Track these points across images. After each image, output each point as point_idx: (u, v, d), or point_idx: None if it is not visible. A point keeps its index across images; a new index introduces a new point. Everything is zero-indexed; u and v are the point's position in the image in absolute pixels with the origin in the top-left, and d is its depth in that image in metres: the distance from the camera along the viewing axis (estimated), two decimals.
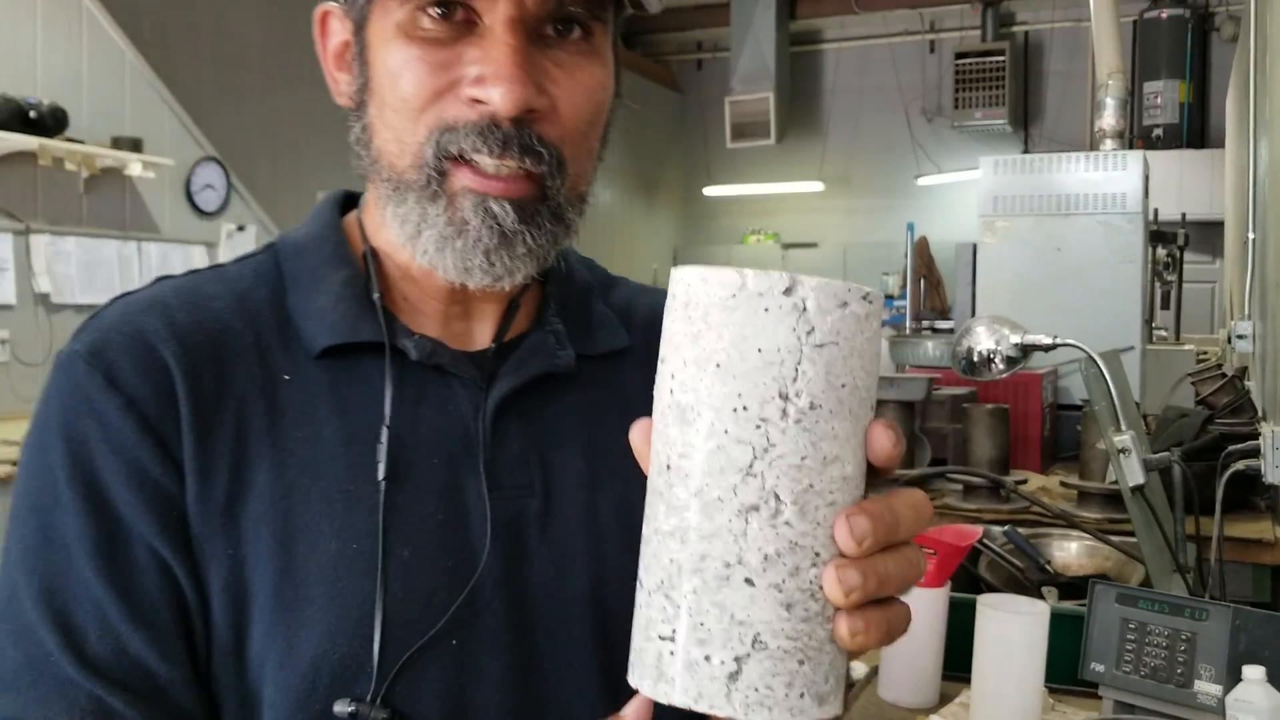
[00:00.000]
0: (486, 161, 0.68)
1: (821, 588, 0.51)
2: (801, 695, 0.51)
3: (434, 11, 0.68)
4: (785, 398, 0.50)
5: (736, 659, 0.50)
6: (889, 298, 8.29)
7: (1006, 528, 2.19)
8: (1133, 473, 1.71)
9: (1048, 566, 2.13)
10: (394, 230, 0.73)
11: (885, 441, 0.52)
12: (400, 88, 0.69)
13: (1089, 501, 2.35)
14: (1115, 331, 3.08)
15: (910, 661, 1.61)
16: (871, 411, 0.53)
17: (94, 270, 4.45)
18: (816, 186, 10.92)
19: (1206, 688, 1.37)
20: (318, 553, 0.69)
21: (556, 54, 0.70)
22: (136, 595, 0.68)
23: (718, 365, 0.51)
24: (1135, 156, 3.18)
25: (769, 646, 0.51)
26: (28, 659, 0.66)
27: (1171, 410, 2.55)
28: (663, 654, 0.52)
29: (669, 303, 0.54)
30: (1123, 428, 1.74)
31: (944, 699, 1.58)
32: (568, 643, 0.74)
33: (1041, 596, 1.99)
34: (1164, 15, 8.24)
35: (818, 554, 0.51)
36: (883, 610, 0.52)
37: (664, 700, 0.52)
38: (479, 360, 0.77)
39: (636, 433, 0.55)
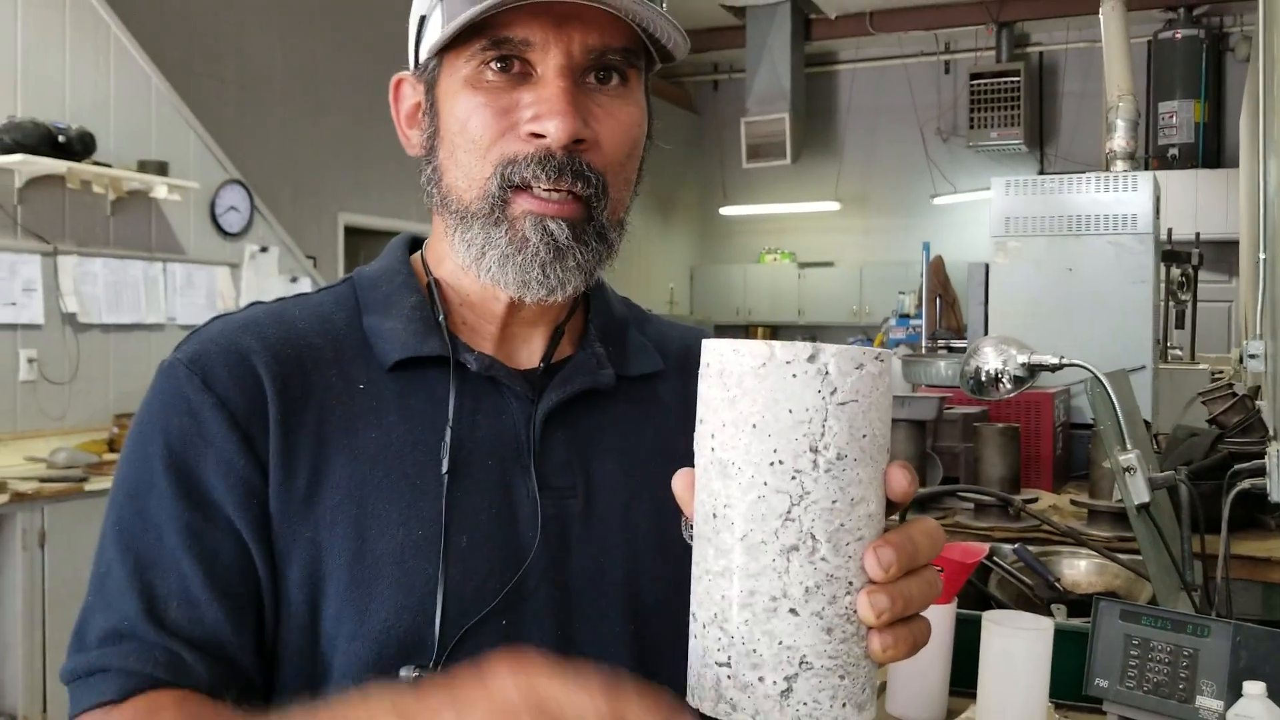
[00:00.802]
0: (543, 187, 0.79)
1: (856, 612, 0.59)
2: (844, 705, 0.60)
3: (495, 65, 0.79)
4: (815, 451, 0.59)
5: (787, 679, 0.59)
6: (904, 316, 8.31)
7: (1016, 545, 2.21)
8: (1138, 491, 1.74)
9: (1057, 584, 2.15)
10: (459, 254, 0.83)
11: (901, 481, 0.60)
12: (469, 130, 0.80)
13: (1099, 520, 2.37)
14: (1127, 351, 3.10)
15: (918, 677, 1.63)
16: (888, 455, 0.61)
17: (120, 290, 4.53)
18: (833, 206, 10.96)
19: (1208, 703, 1.39)
20: (387, 538, 0.79)
21: (598, 97, 0.81)
22: (217, 570, 0.77)
23: (754, 426, 0.59)
24: (1146, 177, 3.20)
25: (814, 666, 0.59)
26: (114, 624, 0.76)
27: (1181, 429, 2.57)
28: (720, 679, 0.60)
29: (702, 370, 0.62)
30: (1128, 447, 1.76)
31: (951, 714, 1.60)
32: (604, 627, 0.82)
33: (1050, 614, 2.01)
34: (1179, 35, 8.27)
35: (851, 583, 0.59)
36: (908, 626, 0.60)
37: (723, 718, 0.60)
38: (530, 377, 0.87)
39: (679, 482, 0.63)
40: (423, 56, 0.84)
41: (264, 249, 5.15)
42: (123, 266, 4.54)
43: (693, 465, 0.63)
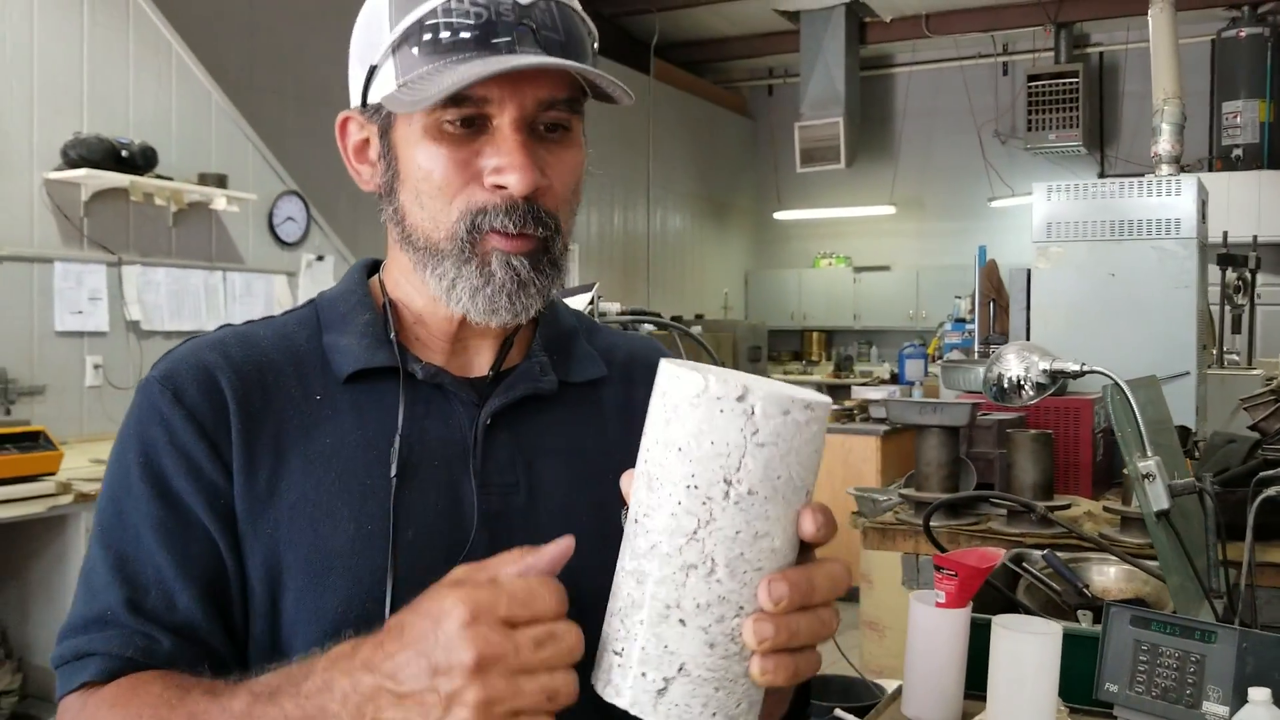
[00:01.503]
0: (511, 232, 0.87)
1: (741, 634, 0.63)
2: (715, 714, 0.64)
3: (457, 123, 0.86)
4: (729, 483, 0.63)
5: (665, 679, 0.63)
6: (960, 321, 8.24)
7: (1045, 551, 2.20)
8: (1157, 498, 1.74)
9: (1086, 590, 2.15)
10: (430, 285, 0.91)
11: (809, 525, 0.65)
12: (434, 179, 0.88)
13: (1130, 526, 2.36)
14: (1170, 357, 3.08)
15: (933, 680, 1.65)
16: (806, 497, 0.65)
17: (182, 299, 4.67)
18: (888, 210, 10.90)
19: (1214, 709, 1.40)
20: (339, 533, 0.87)
21: (549, 143, 0.89)
22: (189, 563, 0.86)
23: (679, 449, 0.63)
24: (1190, 180, 3.17)
25: (692, 674, 0.63)
26: (96, 614, 0.85)
27: (1219, 436, 2.55)
28: (613, 665, 0.65)
29: (655, 386, 0.66)
30: (1148, 453, 1.76)
31: (966, 716, 1.62)
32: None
33: (1077, 619, 2.01)
34: (1242, 34, 8.11)
35: (741, 607, 0.63)
36: (793, 655, 0.64)
37: (610, 700, 0.65)
38: (478, 385, 0.95)
39: (624, 481, 0.69)
40: (369, 100, 0.90)
41: (320, 258, 5.28)
42: (184, 276, 4.69)
43: (634, 461, 0.68)
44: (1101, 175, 9.41)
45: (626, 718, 0.66)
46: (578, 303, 2.45)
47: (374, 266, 1.02)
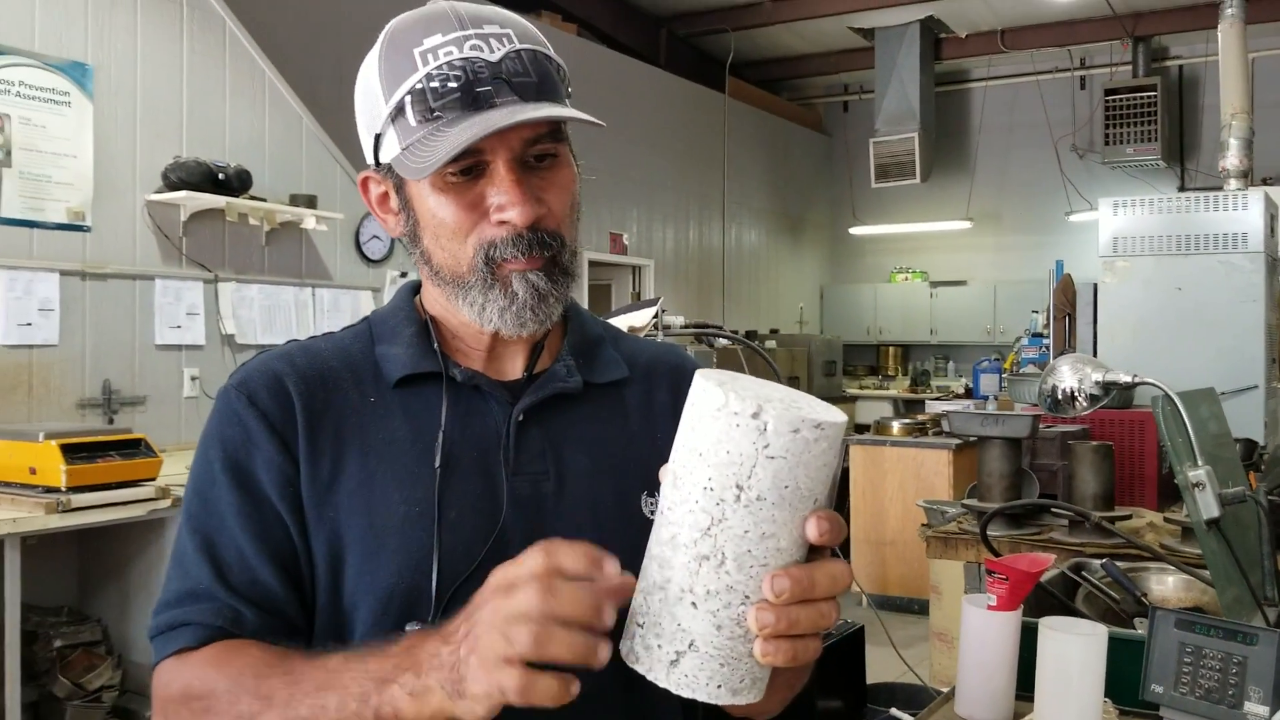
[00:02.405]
0: (522, 259, 1.00)
1: (746, 619, 0.73)
2: (719, 686, 0.74)
3: (458, 175, 0.98)
4: (740, 488, 0.72)
5: (677, 653, 0.74)
6: (1037, 335, 8.18)
7: (1104, 560, 2.24)
8: (1207, 507, 1.78)
9: (1144, 599, 2.17)
10: (464, 312, 1.03)
11: (813, 531, 0.74)
12: (448, 224, 1.00)
13: (1191, 537, 2.39)
14: (1237, 370, 3.08)
15: (985, 681, 1.70)
16: (814, 504, 0.74)
17: (274, 314, 4.87)
18: (964, 224, 10.84)
19: (1255, 709, 1.45)
20: (391, 514, 0.99)
21: (540, 171, 1.01)
22: (268, 543, 0.98)
23: (700, 454, 0.73)
24: (1257, 195, 3.18)
25: (700, 650, 0.74)
26: (189, 588, 0.98)
27: None
28: (635, 635, 0.75)
29: (688, 396, 0.76)
30: (1198, 463, 1.80)
31: (1017, 717, 1.67)
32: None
33: (1134, 627, 2.05)
34: None
35: (747, 597, 0.73)
36: (792, 641, 0.74)
37: (631, 665, 0.76)
38: (512, 386, 1.07)
39: (661, 472, 0.78)
40: (383, 160, 1.03)
41: (403, 274, 5.45)
42: (276, 292, 4.88)
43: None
44: (1181, 189, 9.28)
45: (647, 685, 0.76)
46: (643, 317, 2.54)
47: (419, 286, 1.14)
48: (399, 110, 0.98)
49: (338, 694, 0.83)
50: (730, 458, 0.71)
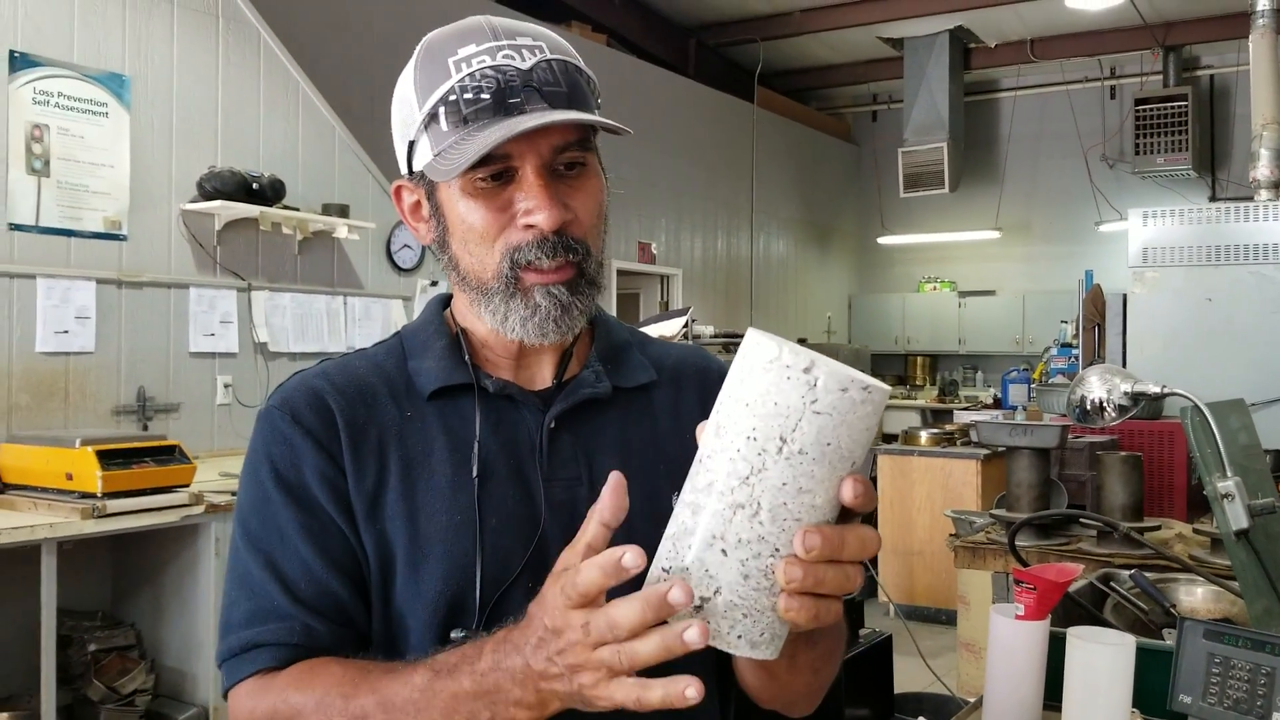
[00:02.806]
0: (546, 264, 1.00)
1: (774, 572, 0.73)
2: (740, 636, 0.75)
3: (488, 179, 1.00)
4: (783, 440, 0.72)
5: (702, 598, 0.74)
6: (1066, 346, 8.14)
7: (1133, 571, 2.23)
8: (1236, 518, 1.78)
9: (1173, 610, 2.17)
10: (487, 319, 1.05)
11: (848, 492, 0.74)
12: (477, 229, 1.02)
13: (1221, 548, 2.38)
14: (1269, 381, 3.06)
15: (1012, 690, 1.70)
16: (851, 467, 0.74)
17: (306, 322, 4.92)
18: (993, 234, 10.80)
19: None
20: (434, 524, 1.01)
21: (569, 179, 1.02)
22: (331, 553, 1.00)
23: (747, 404, 0.73)
24: None
25: (725, 597, 0.74)
26: (258, 607, 0.99)
27: None
28: (661, 579, 0.75)
29: (739, 350, 0.77)
30: (1227, 474, 1.80)
31: None
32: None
33: (1163, 638, 2.04)
34: None
35: (777, 549, 0.74)
36: (815, 601, 0.74)
37: None
38: (543, 394, 1.09)
39: (699, 430, 0.79)
40: (416, 168, 1.05)
41: (434, 283, 5.49)
42: (308, 300, 4.92)
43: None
44: (1213, 199, 9.21)
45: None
46: (673, 326, 2.56)
47: (448, 300, 1.16)
48: (432, 117, 1.00)
49: (438, 713, 0.85)
50: (777, 409, 0.72)
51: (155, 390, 4.33)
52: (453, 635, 0.98)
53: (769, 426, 0.72)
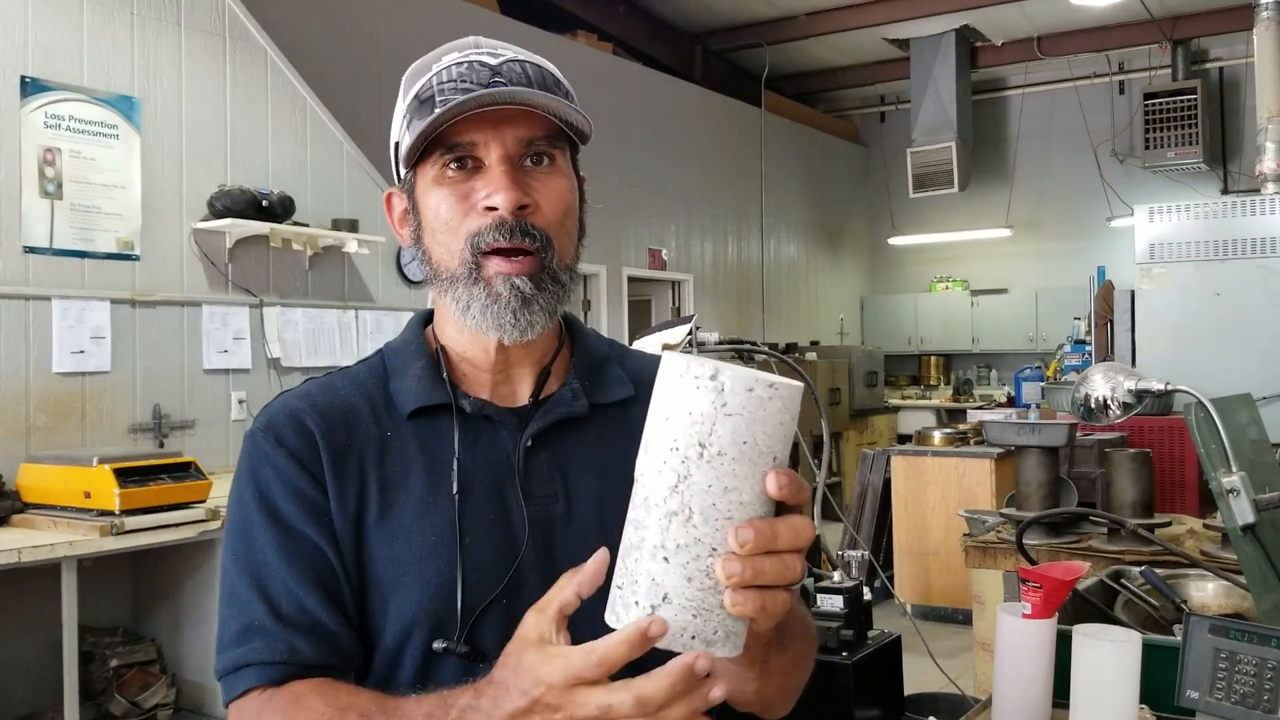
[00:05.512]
0: (504, 246, 1.03)
1: (715, 570, 0.76)
2: (693, 637, 0.78)
3: (453, 166, 1.04)
4: (703, 446, 0.77)
5: (652, 606, 0.78)
6: (1079, 343, 8.11)
7: (1143, 568, 2.23)
8: (1242, 513, 1.78)
9: (1183, 606, 2.17)
10: (451, 310, 1.07)
11: (772, 484, 0.77)
12: (442, 215, 1.05)
13: (1231, 542, 2.38)
14: (1277, 375, 3.06)
15: (1020, 689, 1.71)
16: (773, 461, 0.78)
17: (318, 337, 4.96)
18: (1004, 232, 10.78)
19: None
20: (413, 543, 1.04)
21: (535, 174, 1.05)
22: (311, 574, 1.02)
23: (666, 419, 0.78)
24: None
25: (674, 603, 0.77)
26: (246, 626, 1.01)
27: None
28: (615, 597, 0.79)
29: (658, 372, 0.81)
30: (1232, 469, 1.81)
31: None
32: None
33: (1174, 634, 2.05)
34: None
35: (714, 549, 0.77)
36: (760, 593, 0.77)
37: (613, 626, 0.79)
38: (520, 412, 1.11)
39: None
40: (402, 172, 1.09)
41: None
42: (319, 315, 4.96)
43: None
44: (1225, 191, 9.17)
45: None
46: (677, 334, 2.58)
47: (429, 317, 1.18)
48: (410, 113, 1.04)
49: None
50: (693, 418, 0.76)
51: (170, 408, 4.37)
52: (434, 646, 1.01)
53: (688, 435, 0.76)
